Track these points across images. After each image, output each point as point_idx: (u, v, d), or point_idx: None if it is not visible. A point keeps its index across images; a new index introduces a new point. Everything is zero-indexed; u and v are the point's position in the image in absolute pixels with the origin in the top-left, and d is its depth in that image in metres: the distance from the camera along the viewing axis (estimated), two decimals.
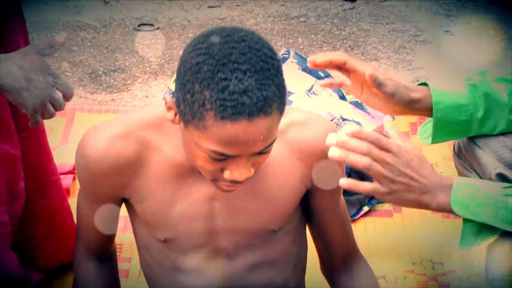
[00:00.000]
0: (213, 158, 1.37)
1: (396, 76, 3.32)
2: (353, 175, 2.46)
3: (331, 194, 1.65)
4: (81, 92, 3.19)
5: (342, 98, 2.74)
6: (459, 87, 2.02)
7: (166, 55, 3.42)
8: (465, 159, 2.13)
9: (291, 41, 3.52)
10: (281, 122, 1.41)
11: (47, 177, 2.10)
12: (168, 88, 3.10)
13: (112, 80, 3.26)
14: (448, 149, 2.13)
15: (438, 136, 2.03)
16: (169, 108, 1.40)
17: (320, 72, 2.78)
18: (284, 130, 1.53)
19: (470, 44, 3.53)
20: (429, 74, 3.33)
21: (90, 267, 1.73)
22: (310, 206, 1.67)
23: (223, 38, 1.33)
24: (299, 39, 3.56)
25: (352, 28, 3.62)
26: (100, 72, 3.32)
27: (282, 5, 3.77)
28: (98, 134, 1.53)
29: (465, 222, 1.81)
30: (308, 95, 2.70)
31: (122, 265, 2.20)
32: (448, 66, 3.37)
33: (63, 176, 2.63)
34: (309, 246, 1.77)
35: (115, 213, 1.66)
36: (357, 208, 2.55)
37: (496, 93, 1.99)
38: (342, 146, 1.54)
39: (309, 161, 1.56)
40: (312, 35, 3.59)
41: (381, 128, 2.63)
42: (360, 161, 1.55)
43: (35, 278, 1.98)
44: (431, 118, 2.00)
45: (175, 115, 1.40)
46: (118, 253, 1.94)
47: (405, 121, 2.95)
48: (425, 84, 1.99)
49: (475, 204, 1.75)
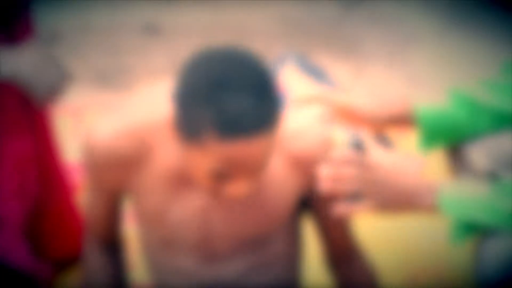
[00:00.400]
0: (213, 176, 1.34)
1: (389, 78, 3.31)
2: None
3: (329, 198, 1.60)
4: (89, 92, 3.19)
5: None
6: (441, 96, 2.02)
7: (171, 57, 3.41)
8: (456, 158, 2.10)
9: (290, 44, 3.50)
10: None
11: (56, 173, 2.12)
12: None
13: (118, 81, 3.27)
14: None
15: (426, 144, 2.02)
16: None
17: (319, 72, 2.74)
18: (280, 139, 1.49)
19: (461, 47, 3.51)
20: (422, 75, 3.31)
21: (99, 259, 1.70)
22: (309, 208, 1.63)
23: (220, 60, 1.30)
24: (298, 42, 3.55)
25: (348, 31, 3.61)
26: (107, 73, 3.30)
27: (282, 9, 3.76)
28: (106, 128, 1.51)
29: (455, 219, 1.78)
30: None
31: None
32: (439, 67, 3.35)
33: (72, 172, 2.62)
34: (310, 241, 1.74)
35: (120, 204, 1.64)
36: None
37: (481, 97, 1.98)
38: (332, 179, 1.53)
39: (305, 170, 1.53)
40: (310, 38, 3.56)
41: None
42: (349, 189, 1.55)
43: (46, 268, 1.97)
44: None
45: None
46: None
47: None
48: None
49: (464, 203, 1.71)
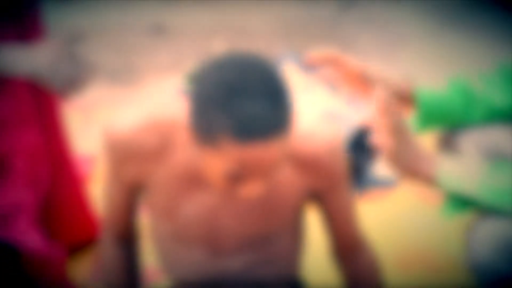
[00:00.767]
0: (228, 177, 1.31)
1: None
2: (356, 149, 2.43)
3: (336, 198, 1.57)
4: (100, 87, 3.21)
5: (334, 93, 2.70)
6: (439, 83, 2.02)
7: (175, 55, 3.43)
8: (448, 147, 2.09)
9: (289, 43, 3.50)
10: None
11: (66, 163, 2.11)
12: (180, 86, 3.07)
13: (127, 77, 3.31)
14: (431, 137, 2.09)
15: (422, 124, 2.02)
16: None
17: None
18: (290, 141, 1.46)
19: (452, 45, 3.50)
20: (414, 72, 3.30)
21: (114, 251, 1.66)
22: (317, 202, 1.60)
23: (235, 66, 1.27)
24: (296, 41, 3.57)
25: (344, 30, 3.61)
26: (117, 70, 3.34)
27: (281, 10, 3.77)
28: (127, 122, 1.47)
29: (448, 193, 1.76)
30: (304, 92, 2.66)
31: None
32: (431, 65, 3.34)
33: (82, 164, 2.62)
34: (311, 233, 1.73)
35: (137, 198, 1.60)
36: None
37: (474, 89, 1.98)
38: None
39: (312, 170, 1.49)
40: (308, 37, 3.58)
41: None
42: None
43: (59, 250, 1.95)
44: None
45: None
46: None
47: None
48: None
49: (459, 177, 1.70)
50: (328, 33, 3.59)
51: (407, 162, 1.81)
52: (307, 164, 1.48)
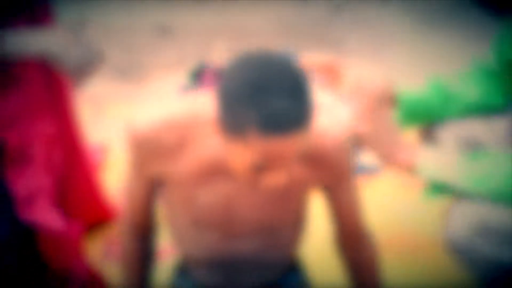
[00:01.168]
0: (253, 167, 1.31)
1: (372, 71, 3.31)
2: None
3: (340, 189, 1.56)
4: (108, 84, 3.22)
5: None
6: (419, 83, 2.04)
7: (180, 53, 3.45)
8: (429, 139, 2.10)
9: (286, 41, 3.51)
10: None
11: (79, 150, 2.12)
12: (183, 82, 3.08)
13: (134, 74, 3.33)
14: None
15: (405, 122, 2.04)
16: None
17: None
18: (310, 135, 1.46)
19: (433, 45, 3.51)
20: (399, 69, 3.31)
21: (132, 243, 1.64)
22: (323, 197, 1.59)
23: (261, 64, 1.26)
24: (291, 40, 3.57)
25: (336, 31, 3.61)
26: (125, 67, 3.36)
27: (278, 12, 3.77)
28: (149, 120, 1.45)
29: (428, 181, 1.78)
30: None
31: None
32: (414, 63, 3.35)
33: (95, 152, 2.64)
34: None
35: (157, 192, 1.59)
36: None
37: (451, 86, 2.00)
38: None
39: (322, 168, 1.48)
40: (302, 37, 3.57)
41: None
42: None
43: (75, 228, 1.97)
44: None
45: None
46: None
47: None
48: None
49: (437, 166, 1.72)
50: (321, 33, 3.61)
51: (388, 150, 1.83)
52: (317, 160, 1.48)
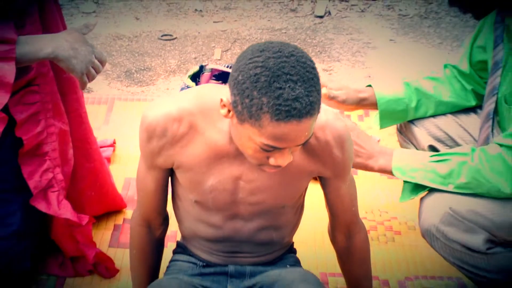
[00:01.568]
0: (264, 149, 1.32)
1: (352, 74, 3.34)
2: None
3: (338, 181, 1.56)
4: (119, 86, 3.20)
5: None
6: (397, 85, 2.08)
7: (182, 58, 3.43)
8: (405, 135, 2.17)
9: None
10: None
11: (90, 146, 2.12)
12: (184, 83, 3.11)
13: (142, 77, 3.29)
14: (393, 127, 2.12)
15: (384, 123, 2.08)
16: (224, 106, 1.33)
17: None
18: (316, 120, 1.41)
19: (408, 49, 3.55)
20: (377, 72, 3.35)
21: (141, 234, 1.65)
22: (321, 185, 1.61)
23: (275, 53, 1.26)
24: None
25: (321, 37, 3.62)
26: (133, 71, 3.33)
27: (269, 20, 3.78)
28: (159, 114, 1.46)
29: (404, 181, 1.83)
30: None
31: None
32: (391, 66, 3.39)
33: (105, 149, 2.65)
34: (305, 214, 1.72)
35: (167, 181, 1.59)
36: None
37: (424, 88, 2.05)
38: None
39: (321, 158, 1.49)
40: (291, 42, 3.57)
41: None
42: None
43: (85, 219, 1.99)
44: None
45: (228, 112, 1.34)
46: None
47: (354, 114, 2.96)
48: (370, 86, 2.06)
49: (410, 169, 1.77)
50: (307, 39, 3.63)
51: (364, 161, 1.86)
52: (318, 151, 1.48)
